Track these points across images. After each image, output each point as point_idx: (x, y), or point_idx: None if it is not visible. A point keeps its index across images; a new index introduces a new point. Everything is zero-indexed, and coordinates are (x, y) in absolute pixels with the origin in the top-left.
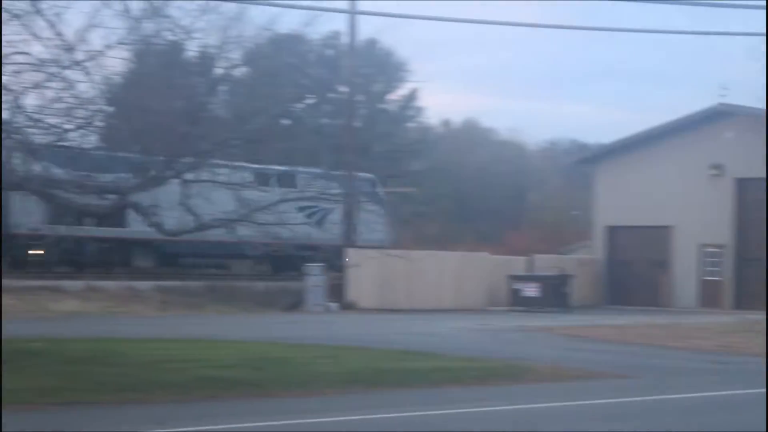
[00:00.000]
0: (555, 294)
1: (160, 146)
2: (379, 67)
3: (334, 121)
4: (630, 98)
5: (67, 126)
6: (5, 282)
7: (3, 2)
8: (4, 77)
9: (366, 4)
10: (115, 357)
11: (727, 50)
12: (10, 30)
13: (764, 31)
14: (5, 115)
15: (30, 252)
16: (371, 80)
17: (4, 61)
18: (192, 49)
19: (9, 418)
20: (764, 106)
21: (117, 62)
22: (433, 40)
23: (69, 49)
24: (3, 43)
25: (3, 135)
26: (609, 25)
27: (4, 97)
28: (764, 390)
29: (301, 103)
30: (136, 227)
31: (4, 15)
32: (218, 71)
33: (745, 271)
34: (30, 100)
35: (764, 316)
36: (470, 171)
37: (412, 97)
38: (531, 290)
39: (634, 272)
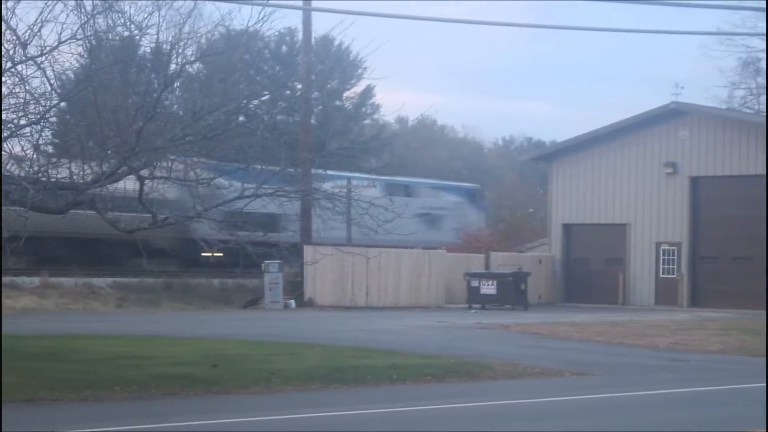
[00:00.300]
0: (512, 291)
1: (115, 142)
2: (335, 64)
3: (290, 118)
4: (584, 96)
5: (20, 121)
6: None
7: None
8: None
9: (320, 2)
10: (73, 354)
11: (681, 49)
12: None
13: (715, 30)
14: None
15: (203, 254)
16: (327, 77)
17: None
18: (146, 45)
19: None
20: (717, 105)
21: (70, 58)
22: (388, 38)
23: (22, 44)
24: None
25: None
26: (565, 24)
27: None
28: (722, 387)
29: (257, 99)
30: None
31: None
32: (172, 67)
33: (700, 269)
34: None
35: (719, 314)
36: (427, 168)
37: (367, 94)
38: (488, 288)
39: (591, 270)
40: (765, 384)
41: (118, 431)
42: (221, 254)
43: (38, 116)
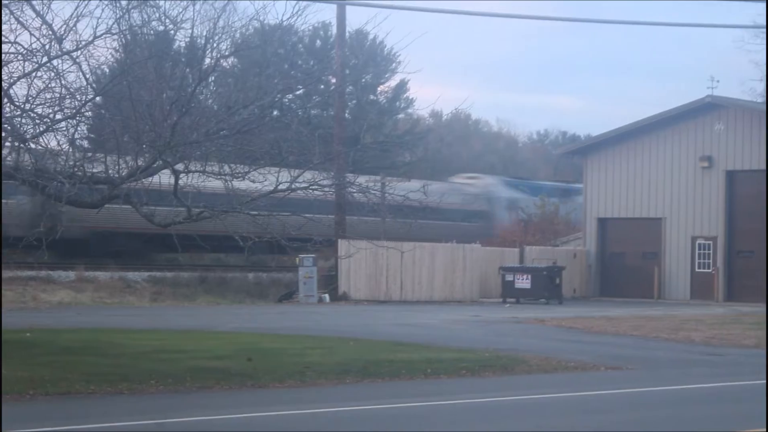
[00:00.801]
0: (547, 285)
1: (150, 136)
2: (369, 58)
3: (324, 113)
4: (619, 91)
5: (56, 116)
6: None
7: None
8: None
9: None
10: (108, 347)
11: (716, 43)
12: None
13: (750, 23)
14: None
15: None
16: (361, 71)
17: None
18: (181, 40)
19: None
20: (753, 99)
21: (106, 52)
22: (422, 32)
23: (58, 38)
24: None
25: None
26: (599, 17)
27: None
28: (758, 382)
29: (291, 94)
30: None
31: None
32: (207, 62)
33: (735, 263)
34: (19, 90)
35: (755, 308)
36: (461, 163)
37: (401, 88)
38: (523, 282)
39: (626, 264)
40: (765, 381)
41: (154, 424)
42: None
43: (74, 111)
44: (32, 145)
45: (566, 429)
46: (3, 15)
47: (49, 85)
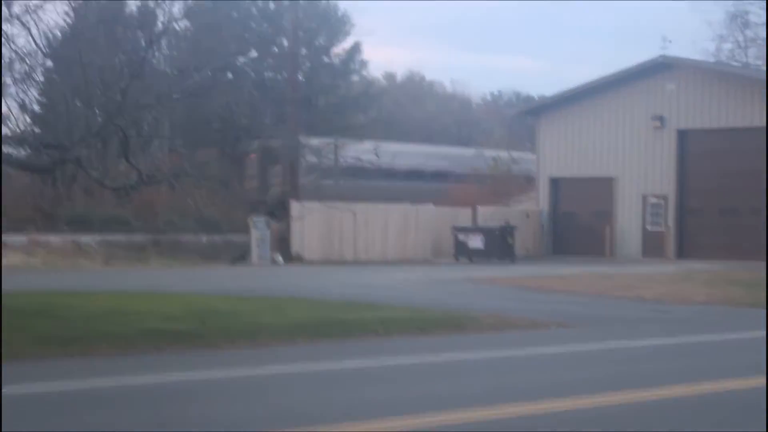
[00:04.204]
0: (500, 245)
1: (101, 100)
2: (322, 20)
3: (277, 75)
4: (573, 51)
5: (6, 80)
6: None
7: None
8: None
9: None
10: (60, 310)
11: (669, 3)
12: None
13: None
14: None
15: None
16: (314, 34)
17: None
18: (132, 3)
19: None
20: (706, 58)
21: (56, 16)
22: None
23: (6, 2)
24: None
25: None
26: None
27: None
28: (706, 337)
29: (244, 56)
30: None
31: None
32: (159, 25)
33: (686, 221)
34: None
35: (706, 266)
36: (415, 124)
37: (355, 50)
38: (476, 241)
39: (578, 223)
40: (765, 335)
41: (105, 386)
42: None
43: (24, 75)
44: None
45: (510, 386)
46: None
47: None
